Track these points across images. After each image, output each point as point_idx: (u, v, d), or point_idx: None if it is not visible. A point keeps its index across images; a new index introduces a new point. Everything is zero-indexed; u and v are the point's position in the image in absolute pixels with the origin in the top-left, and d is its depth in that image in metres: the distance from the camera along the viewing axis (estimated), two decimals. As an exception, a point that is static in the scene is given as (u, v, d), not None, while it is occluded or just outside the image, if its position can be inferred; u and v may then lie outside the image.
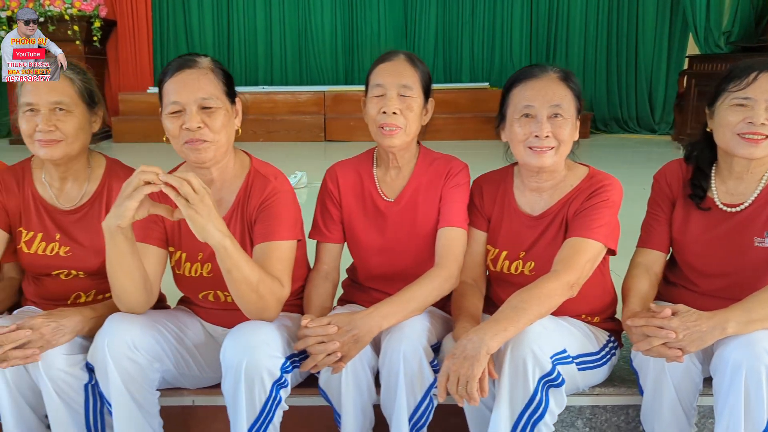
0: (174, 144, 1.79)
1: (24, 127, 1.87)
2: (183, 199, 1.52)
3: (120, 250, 1.63)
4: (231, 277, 1.62)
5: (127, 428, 1.73)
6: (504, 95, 1.92)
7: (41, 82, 1.87)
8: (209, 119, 1.73)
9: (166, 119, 1.76)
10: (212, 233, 1.55)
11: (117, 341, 1.68)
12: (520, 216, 1.94)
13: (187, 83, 1.72)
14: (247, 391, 1.63)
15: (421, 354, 1.70)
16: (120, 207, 1.55)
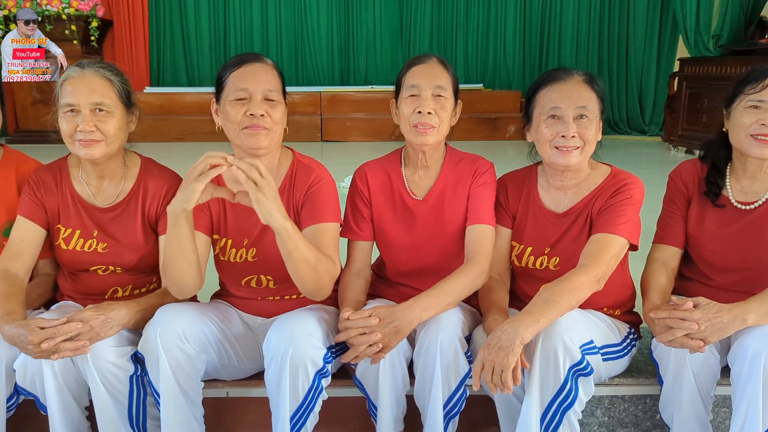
0: (230, 130, 1.88)
1: (65, 128, 1.92)
2: (251, 183, 1.62)
3: (182, 234, 1.71)
4: (292, 258, 1.70)
5: (174, 417, 1.79)
6: (530, 98, 2.00)
7: (82, 83, 1.92)
8: (271, 110, 1.84)
9: (228, 105, 1.85)
10: (276, 216, 1.64)
11: (168, 332, 1.74)
12: (545, 213, 2.02)
13: (256, 74, 1.85)
14: (292, 380, 1.70)
15: (457, 345, 1.78)
16: (187, 190, 1.64)
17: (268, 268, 1.96)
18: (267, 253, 1.94)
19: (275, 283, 1.99)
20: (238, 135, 1.86)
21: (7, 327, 1.72)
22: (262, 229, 1.93)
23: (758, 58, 6.53)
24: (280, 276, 1.96)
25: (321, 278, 1.78)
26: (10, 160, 2.12)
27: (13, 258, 1.94)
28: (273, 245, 1.90)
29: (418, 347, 1.82)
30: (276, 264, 1.92)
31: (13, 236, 1.98)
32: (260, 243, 1.94)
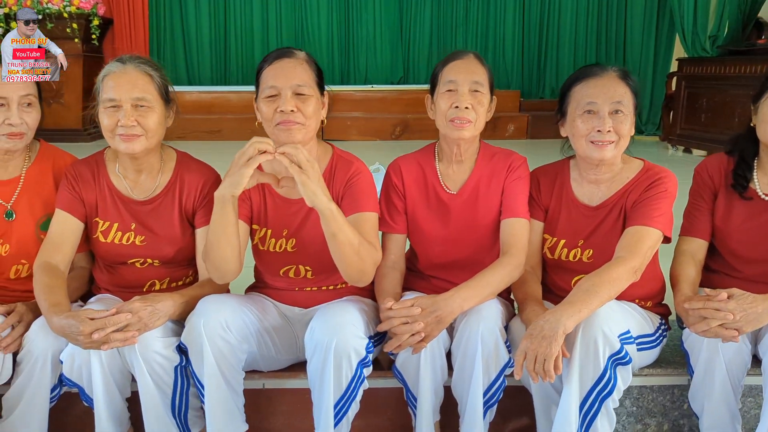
0: (266, 127, 1.91)
1: (106, 122, 1.94)
2: (296, 166, 1.66)
3: (227, 220, 1.75)
4: (336, 240, 1.73)
5: (217, 406, 1.81)
6: (564, 93, 2.03)
7: (123, 78, 1.94)
8: (302, 105, 1.85)
9: (261, 102, 1.89)
10: (321, 197, 1.68)
11: (212, 321, 1.77)
12: (579, 206, 2.06)
13: (285, 70, 1.87)
14: (335, 370, 1.73)
15: (498, 335, 1.81)
16: (235, 175, 1.68)
17: (307, 258, 1.99)
18: (306, 244, 1.97)
19: (313, 273, 2.01)
20: (272, 131, 1.89)
21: (55, 318, 1.73)
22: (302, 219, 1.96)
23: (757, 59, 6.61)
24: (318, 266, 1.99)
25: (364, 262, 1.81)
26: (46, 155, 2.14)
27: (53, 251, 1.96)
28: (312, 236, 1.94)
29: (458, 337, 1.85)
30: (315, 254, 1.96)
31: (52, 229, 1.99)
32: (300, 233, 1.97)
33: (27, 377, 1.82)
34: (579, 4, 9.28)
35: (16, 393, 1.86)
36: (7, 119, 1.95)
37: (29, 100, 2.00)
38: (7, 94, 1.95)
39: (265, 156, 1.68)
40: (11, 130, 1.95)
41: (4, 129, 1.95)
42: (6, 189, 2.06)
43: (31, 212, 2.07)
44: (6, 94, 1.95)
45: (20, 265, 2.08)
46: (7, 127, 1.95)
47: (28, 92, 1.99)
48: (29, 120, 2.00)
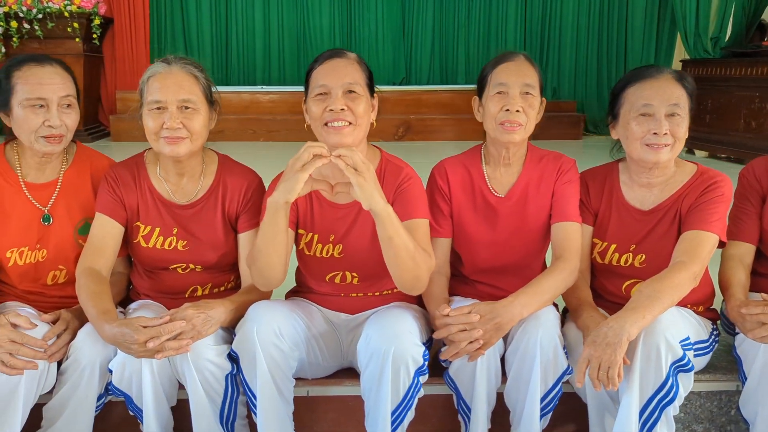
0: (315, 127, 1.86)
1: (150, 125, 1.89)
2: (352, 169, 1.62)
3: (278, 227, 1.71)
4: (392, 243, 1.69)
5: (270, 414, 1.77)
6: (616, 95, 2.00)
7: (170, 79, 1.90)
8: (353, 104, 1.81)
9: (311, 102, 1.84)
10: (378, 200, 1.64)
11: (265, 328, 1.72)
12: (630, 210, 2.02)
13: (336, 69, 1.83)
14: (393, 378, 1.69)
15: (557, 342, 1.78)
16: (290, 181, 1.64)
17: (354, 264, 1.95)
18: (353, 250, 1.92)
19: (360, 279, 1.97)
20: (320, 132, 1.84)
21: (107, 326, 1.68)
22: (349, 224, 1.92)
23: (762, 60, 6.63)
24: (365, 273, 1.95)
25: (420, 268, 1.77)
26: (83, 158, 2.08)
27: (96, 256, 1.91)
28: (359, 242, 1.90)
29: (515, 344, 1.81)
30: (362, 261, 1.92)
31: (94, 234, 1.94)
32: (346, 239, 1.93)
33: (72, 386, 1.77)
34: (580, 5, 9.29)
35: (59, 403, 1.81)
36: (47, 121, 1.89)
37: (69, 101, 1.94)
38: (47, 95, 1.89)
39: (320, 160, 1.64)
40: (51, 131, 1.89)
41: (44, 131, 1.89)
42: (43, 193, 2.00)
43: (69, 216, 2.02)
44: (46, 95, 1.89)
45: (57, 271, 2.03)
46: (46, 129, 1.89)
47: (67, 93, 1.93)
48: (69, 122, 1.94)
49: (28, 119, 1.89)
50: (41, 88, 1.89)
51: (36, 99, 1.88)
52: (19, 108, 1.90)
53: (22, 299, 2.00)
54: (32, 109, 1.89)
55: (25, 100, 1.88)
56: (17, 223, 1.97)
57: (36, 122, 1.88)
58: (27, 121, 1.89)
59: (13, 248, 1.96)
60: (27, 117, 1.89)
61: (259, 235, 1.75)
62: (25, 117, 1.89)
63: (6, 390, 1.71)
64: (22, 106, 1.89)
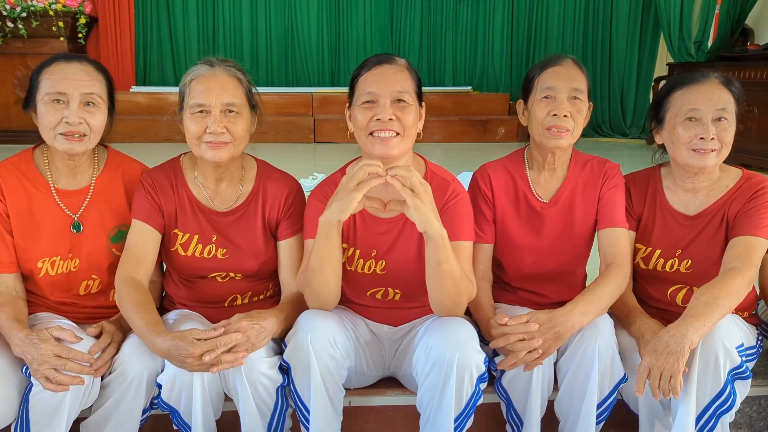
0: (359, 136, 1.80)
1: (192, 129, 1.82)
2: (409, 190, 1.58)
3: (333, 245, 1.67)
4: (440, 269, 1.65)
5: (322, 425, 1.72)
6: (661, 100, 1.99)
7: (213, 82, 1.84)
8: (401, 113, 1.75)
9: (357, 110, 1.78)
10: (433, 223, 1.61)
11: (319, 337, 1.67)
12: (675, 215, 2.01)
13: (385, 76, 1.76)
14: (458, 386, 1.65)
15: (614, 350, 1.76)
16: (344, 200, 1.60)
17: (398, 282, 1.90)
18: (397, 267, 1.88)
19: (402, 297, 1.92)
20: (365, 141, 1.79)
21: (159, 339, 1.62)
22: (393, 240, 1.87)
23: (749, 65, 6.72)
24: (408, 290, 1.91)
25: (461, 296, 1.74)
26: (115, 163, 2.01)
27: (135, 265, 1.84)
28: (403, 259, 1.86)
29: (571, 352, 1.79)
30: (405, 278, 1.88)
31: (132, 242, 1.87)
32: (389, 255, 1.87)
33: (117, 400, 1.70)
34: (566, 9, 9.35)
35: (101, 418, 1.74)
36: (65, 118, 1.80)
37: (93, 99, 1.84)
38: (67, 90, 1.80)
39: (376, 180, 1.60)
40: (68, 128, 1.80)
41: (62, 128, 1.80)
42: (74, 200, 1.92)
43: (101, 224, 1.94)
44: (66, 89, 1.80)
45: (90, 281, 1.95)
46: (63, 126, 1.80)
47: (91, 90, 1.83)
48: (92, 121, 1.84)
49: (47, 114, 1.81)
50: (62, 83, 1.80)
51: (56, 93, 1.80)
52: (41, 104, 1.82)
53: (54, 310, 1.93)
54: (52, 104, 1.80)
55: (46, 95, 1.81)
56: (48, 232, 1.89)
57: (54, 118, 1.80)
58: (46, 116, 1.81)
59: (45, 258, 1.88)
60: (47, 112, 1.81)
61: (313, 256, 1.70)
62: (46, 112, 1.81)
63: (51, 406, 1.63)
64: (43, 101, 1.81)
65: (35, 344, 1.63)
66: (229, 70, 1.87)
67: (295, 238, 1.96)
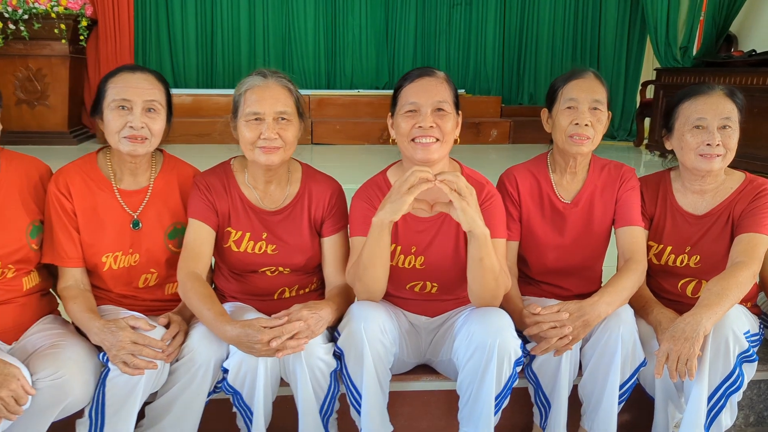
0: (402, 142, 1.98)
1: (247, 135, 1.99)
2: (456, 193, 1.75)
3: (383, 243, 1.84)
4: (482, 264, 1.83)
5: (374, 408, 1.89)
6: (671, 110, 2.18)
7: (267, 92, 1.99)
8: (441, 121, 1.93)
9: (400, 118, 1.96)
10: (479, 224, 1.78)
11: (372, 325, 1.84)
12: (684, 215, 2.20)
13: (426, 88, 1.94)
14: (498, 369, 1.83)
15: (636, 336, 1.94)
16: (397, 202, 1.77)
17: (435, 275, 2.06)
18: (435, 262, 2.04)
19: (438, 289, 2.09)
20: (407, 147, 1.96)
21: (228, 327, 1.78)
22: (431, 238, 2.04)
23: (735, 71, 6.98)
24: (445, 283, 2.08)
25: (499, 289, 1.92)
26: (170, 165, 2.16)
27: (195, 260, 1.99)
28: (441, 254, 2.03)
29: (596, 339, 1.96)
30: (443, 272, 2.05)
31: (189, 239, 2.02)
32: (428, 251, 2.04)
33: (184, 385, 1.85)
34: (556, 15, 9.61)
35: (166, 402, 1.89)
36: (129, 123, 1.96)
37: (154, 106, 2.00)
38: (132, 97, 1.96)
39: (426, 184, 1.77)
40: (132, 132, 1.96)
41: (126, 132, 1.96)
42: (135, 199, 2.08)
43: (159, 222, 2.09)
44: (131, 97, 1.96)
45: (149, 274, 2.10)
46: (128, 130, 1.96)
47: (153, 98, 2.00)
48: (153, 126, 1.99)
49: (113, 119, 1.97)
50: (126, 91, 1.97)
51: (121, 100, 1.96)
52: (107, 110, 1.98)
53: (116, 303, 2.08)
54: (117, 111, 1.96)
55: (112, 102, 1.97)
56: (111, 229, 2.04)
57: (120, 123, 1.96)
58: (112, 121, 1.97)
59: (109, 253, 2.03)
60: (113, 118, 1.97)
61: (365, 253, 1.87)
62: (112, 117, 1.97)
63: (127, 389, 1.79)
64: (109, 108, 1.98)
65: (113, 332, 1.78)
66: (281, 80, 2.02)
67: (338, 235, 2.12)
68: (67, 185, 2.00)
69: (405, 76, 2.02)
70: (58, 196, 1.99)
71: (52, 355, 1.80)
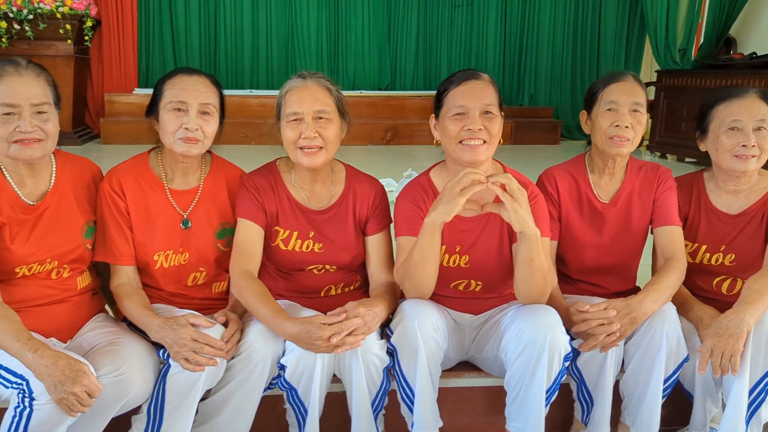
0: (448, 144, 2.01)
1: (289, 135, 2.03)
2: (509, 195, 1.79)
3: (435, 243, 1.88)
4: (532, 264, 1.87)
5: (427, 403, 1.93)
6: (705, 112, 2.24)
7: (306, 92, 2.03)
8: (488, 123, 1.97)
9: (448, 121, 1.99)
10: (530, 224, 1.82)
11: (425, 322, 1.88)
12: (719, 215, 2.26)
13: (474, 91, 1.98)
14: (549, 364, 1.87)
15: (680, 333, 1.99)
16: (450, 204, 1.81)
17: (480, 274, 2.10)
18: (480, 261, 2.09)
19: (483, 288, 2.13)
20: (454, 149, 2.00)
21: (288, 324, 1.81)
22: (476, 237, 2.08)
23: (736, 73, 7.08)
24: (489, 281, 2.12)
25: (547, 287, 1.96)
26: (218, 166, 2.20)
27: (248, 259, 2.03)
28: (485, 253, 2.07)
29: (640, 336, 2.01)
30: (487, 271, 2.09)
31: (241, 239, 2.06)
32: (472, 250, 2.08)
33: (240, 382, 1.88)
34: (556, 17, 9.71)
35: (221, 398, 1.92)
36: (185, 124, 2.00)
37: (208, 109, 2.04)
38: (188, 99, 2.00)
39: (478, 186, 1.81)
40: (186, 134, 1.99)
41: (181, 133, 1.99)
42: (185, 198, 2.11)
43: (208, 221, 2.13)
44: (187, 99, 2.00)
45: (198, 273, 2.14)
46: (183, 131, 1.99)
47: (208, 101, 2.03)
48: (207, 128, 2.03)
49: (169, 121, 2.00)
50: (183, 93, 2.00)
51: (177, 102, 2.00)
52: (163, 111, 2.02)
53: (166, 301, 2.11)
54: (174, 113, 2.00)
55: (169, 104, 2.01)
56: (163, 228, 2.07)
57: (176, 124, 2.00)
58: (168, 122, 2.00)
59: (160, 252, 2.07)
60: (169, 119, 2.00)
61: (416, 253, 1.90)
62: (168, 119, 2.01)
63: (187, 385, 1.82)
64: (165, 109, 2.01)
65: (174, 329, 1.82)
66: (320, 81, 2.06)
67: (381, 234, 2.17)
68: (121, 184, 2.04)
69: (450, 79, 2.05)
70: (112, 195, 2.02)
71: (112, 352, 1.83)
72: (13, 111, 1.82)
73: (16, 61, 1.87)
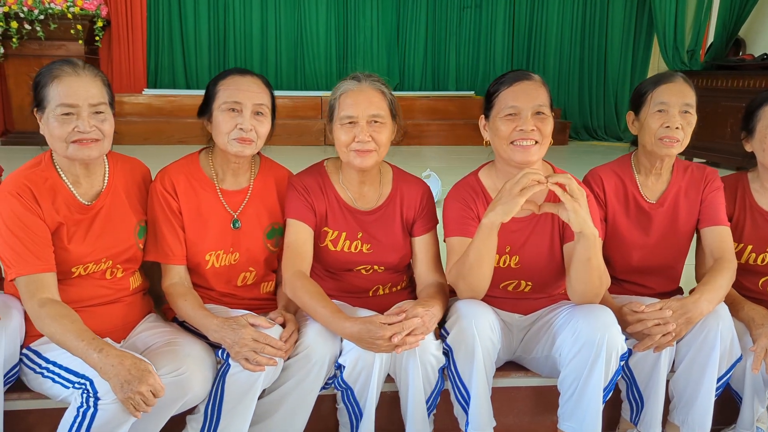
0: (499, 145, 2.01)
1: (343, 138, 2.02)
2: (569, 195, 1.78)
3: (491, 243, 1.87)
4: (589, 264, 1.87)
5: (482, 405, 1.93)
6: (753, 112, 2.24)
7: (361, 96, 2.02)
8: (541, 124, 1.97)
9: (499, 121, 1.99)
10: (590, 224, 1.82)
11: (482, 322, 1.88)
12: (764, 215, 2.27)
13: (526, 92, 1.98)
14: (606, 363, 1.87)
15: (734, 333, 1.99)
16: (509, 204, 1.80)
17: (530, 274, 2.10)
18: (530, 261, 2.08)
19: (533, 288, 2.13)
20: (505, 150, 1.99)
21: (348, 324, 1.81)
22: (526, 237, 2.08)
23: (747, 74, 7.10)
24: (539, 282, 2.12)
25: (602, 287, 1.96)
26: (267, 167, 2.20)
27: (300, 259, 2.02)
28: (535, 253, 2.07)
29: (693, 336, 2.01)
30: (538, 271, 2.09)
31: (292, 239, 2.05)
32: (522, 251, 2.08)
33: (297, 381, 1.88)
34: (564, 17, 9.71)
35: (278, 397, 1.91)
36: (239, 125, 1.99)
37: (262, 110, 2.03)
38: (243, 100, 2.00)
39: (538, 186, 1.80)
40: (241, 135, 1.99)
41: (236, 134, 1.99)
42: (236, 199, 2.11)
43: (258, 221, 2.13)
44: (241, 99, 1.99)
45: (248, 273, 2.13)
46: (237, 132, 1.99)
47: (261, 102, 2.03)
48: (260, 129, 2.03)
49: (224, 121, 2.00)
50: (237, 93, 2.00)
51: (232, 102, 1.99)
52: (217, 112, 2.01)
53: (216, 301, 2.10)
54: (228, 113, 2.00)
55: (223, 104, 2.00)
56: (214, 228, 2.07)
57: (230, 124, 1.99)
58: (223, 123, 2.00)
59: (212, 251, 2.06)
60: (223, 119, 2.00)
61: (472, 253, 1.90)
62: (222, 119, 2.00)
63: (245, 386, 1.82)
64: (220, 110, 2.01)
65: (234, 329, 1.81)
66: (375, 84, 2.05)
67: (429, 235, 2.16)
68: (173, 184, 2.03)
69: (500, 80, 2.05)
70: (164, 195, 2.02)
71: (171, 352, 1.82)
72: (72, 111, 1.82)
73: (73, 62, 1.86)
